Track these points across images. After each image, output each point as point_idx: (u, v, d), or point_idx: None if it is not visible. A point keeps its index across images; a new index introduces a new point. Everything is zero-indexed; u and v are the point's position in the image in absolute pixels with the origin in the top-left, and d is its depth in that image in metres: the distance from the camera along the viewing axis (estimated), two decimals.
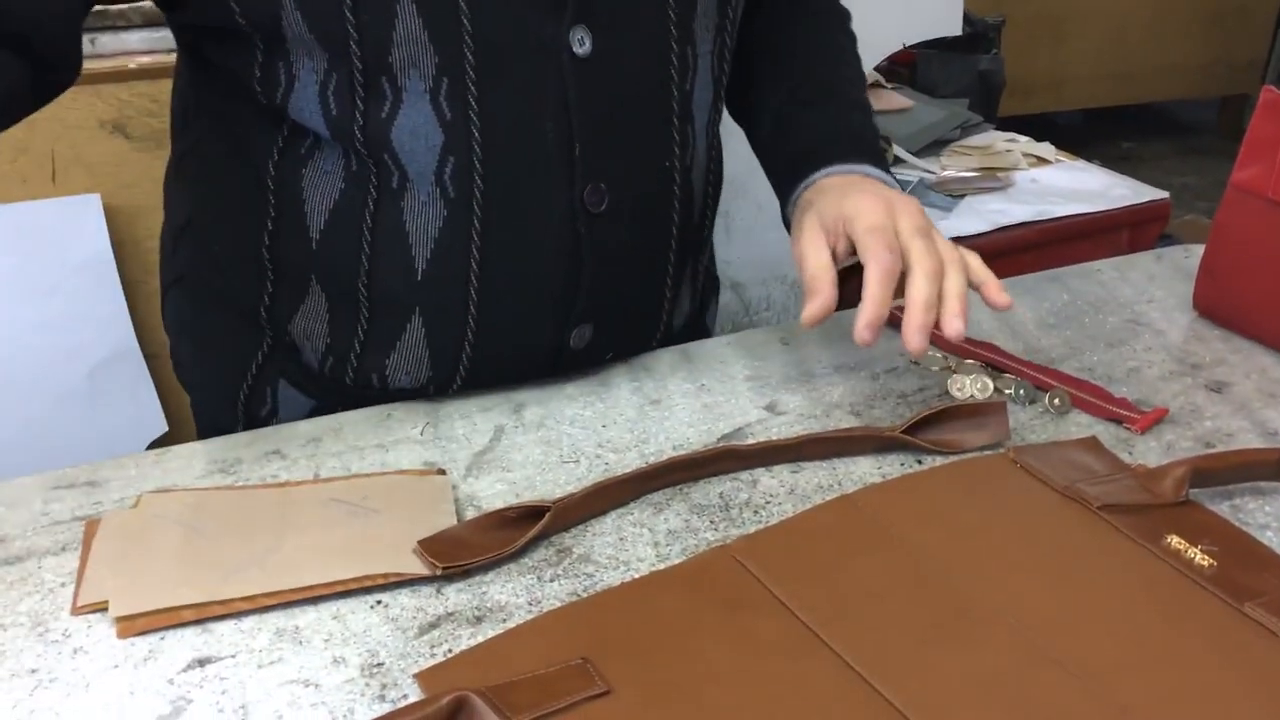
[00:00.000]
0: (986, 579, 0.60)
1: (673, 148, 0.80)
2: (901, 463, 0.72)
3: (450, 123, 0.71)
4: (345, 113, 0.71)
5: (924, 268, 0.71)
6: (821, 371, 0.84)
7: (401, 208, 0.74)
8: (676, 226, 0.83)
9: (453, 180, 0.73)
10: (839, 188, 0.78)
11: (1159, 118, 4.37)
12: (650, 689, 0.53)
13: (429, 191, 0.73)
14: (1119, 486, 0.67)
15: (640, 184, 0.79)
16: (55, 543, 0.63)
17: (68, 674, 0.54)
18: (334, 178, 0.74)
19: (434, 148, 0.72)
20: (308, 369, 0.81)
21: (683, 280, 0.88)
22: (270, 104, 0.73)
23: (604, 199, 0.76)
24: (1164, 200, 1.98)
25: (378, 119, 0.71)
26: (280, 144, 0.75)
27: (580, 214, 0.76)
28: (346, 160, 0.74)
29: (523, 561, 0.62)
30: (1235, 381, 0.83)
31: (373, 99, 0.70)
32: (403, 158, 0.72)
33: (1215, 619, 0.58)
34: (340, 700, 0.53)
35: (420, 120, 0.71)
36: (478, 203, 0.73)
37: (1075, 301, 0.96)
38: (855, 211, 0.73)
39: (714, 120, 0.86)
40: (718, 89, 0.84)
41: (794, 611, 0.57)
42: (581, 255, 0.77)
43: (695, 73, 0.80)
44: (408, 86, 0.70)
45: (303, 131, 0.74)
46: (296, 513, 0.65)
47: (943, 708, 0.52)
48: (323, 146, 0.74)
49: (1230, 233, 0.88)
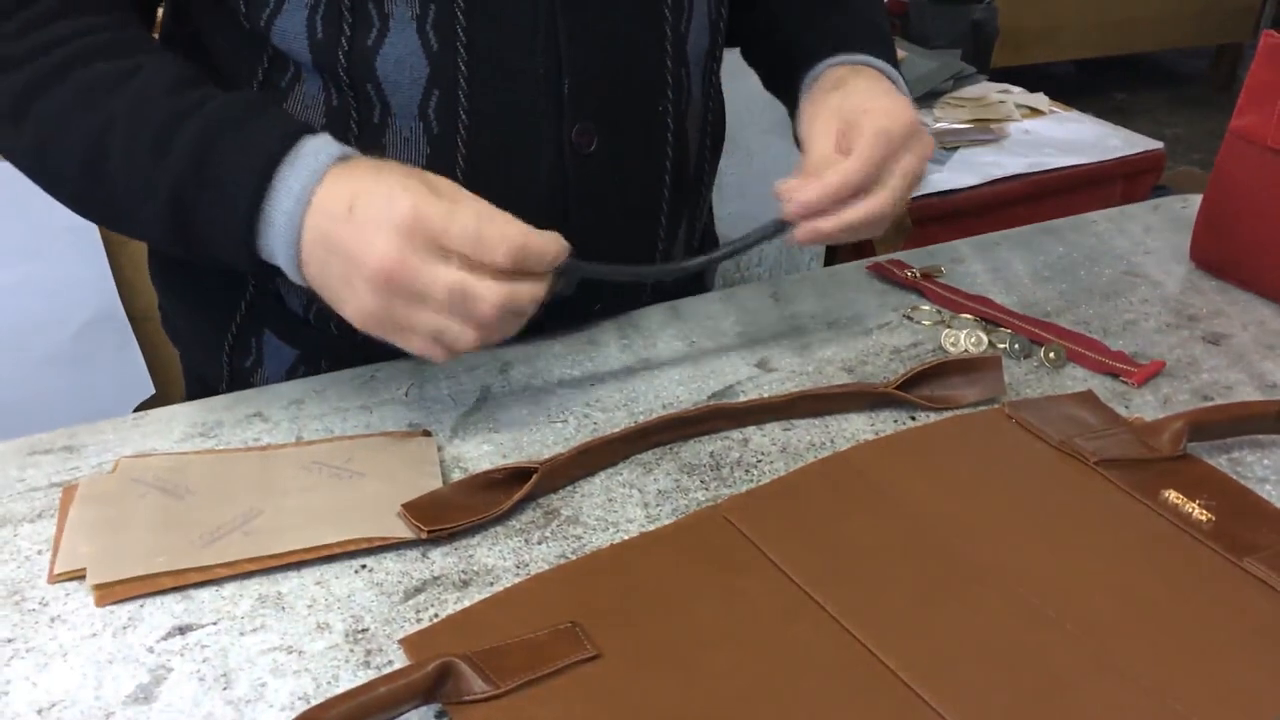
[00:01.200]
0: (981, 536, 0.59)
1: (666, 91, 0.78)
2: (895, 419, 0.71)
3: (436, 53, 0.69)
4: (330, 38, 0.69)
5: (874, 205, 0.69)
6: (813, 327, 0.82)
7: (384, 144, 0.72)
8: (670, 175, 0.81)
9: (437, 115, 0.71)
10: (865, 82, 0.75)
11: (1151, 68, 4.34)
12: (640, 652, 0.52)
13: (412, 127, 0.72)
14: (1115, 441, 0.66)
15: (632, 126, 0.78)
16: (31, 509, 0.62)
17: (45, 643, 0.53)
18: (314, 113, 0.73)
19: (419, 80, 0.70)
20: (292, 317, 0.80)
21: (677, 233, 0.86)
22: (254, 28, 0.71)
23: (593, 139, 0.75)
24: (1158, 150, 1.97)
25: (363, 46, 0.69)
26: (260, 76, 0.73)
27: (568, 153, 0.74)
28: (327, 94, 0.72)
29: (510, 524, 0.61)
30: (1233, 333, 0.82)
31: (359, 24, 0.69)
32: (386, 89, 0.70)
33: (1214, 574, 0.57)
34: (324, 667, 0.52)
35: (406, 50, 0.69)
36: (462, 139, 0.72)
37: (1070, 254, 0.94)
38: (878, 109, 0.71)
39: (711, 70, 0.84)
40: (714, 36, 0.82)
41: (786, 572, 0.56)
42: (569, 197, 0.76)
43: (691, 14, 0.78)
44: (394, 13, 0.68)
45: (283, 62, 0.72)
46: (278, 476, 0.64)
47: (938, 667, 0.51)
48: (303, 78, 0.72)
49: (1228, 182, 0.87)
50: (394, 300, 0.59)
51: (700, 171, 0.87)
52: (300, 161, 0.61)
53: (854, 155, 0.69)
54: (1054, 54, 3.80)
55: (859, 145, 0.69)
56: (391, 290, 0.58)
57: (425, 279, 0.58)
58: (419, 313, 0.60)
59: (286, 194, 0.61)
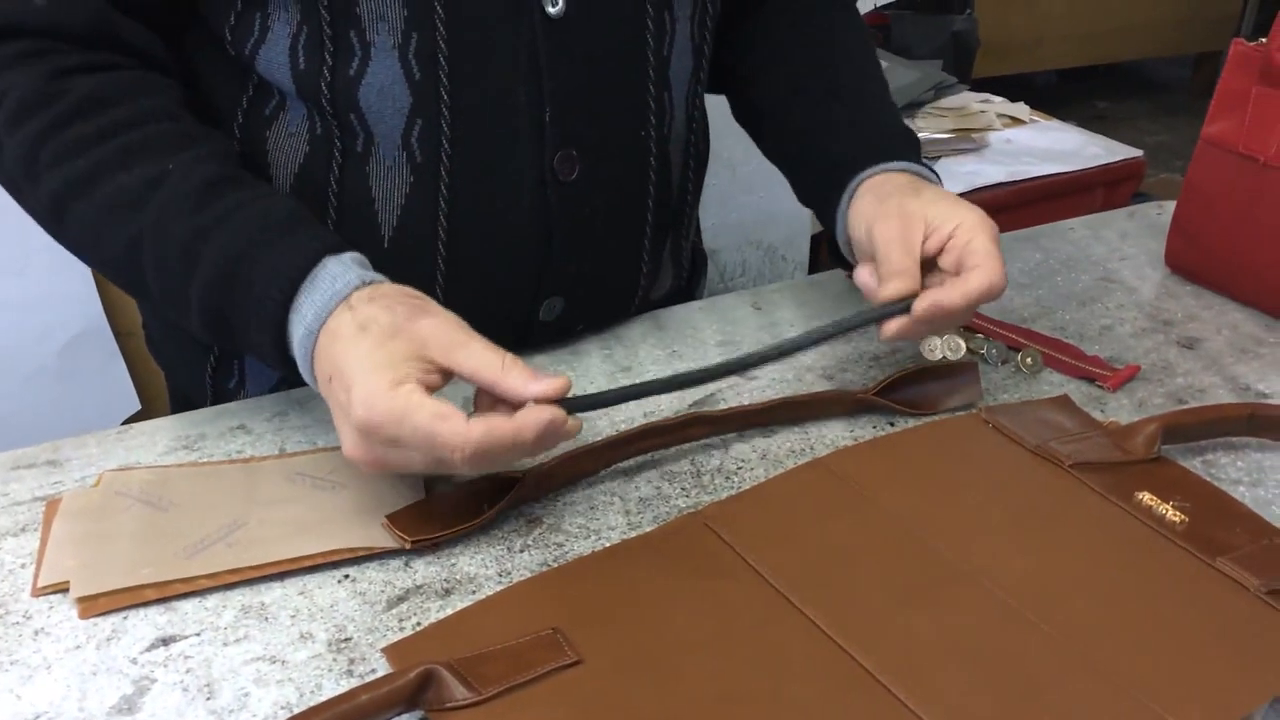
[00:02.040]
0: (959, 540, 0.60)
1: (649, 116, 0.78)
2: (874, 425, 0.72)
3: (419, 83, 0.70)
4: (313, 68, 0.69)
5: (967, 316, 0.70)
6: (793, 335, 0.83)
7: (367, 172, 0.72)
8: (653, 199, 0.81)
9: (420, 144, 0.71)
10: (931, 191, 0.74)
11: (1133, 77, 4.37)
12: (622, 658, 0.52)
13: (395, 155, 0.72)
14: (1091, 444, 0.67)
15: (614, 153, 0.77)
16: (15, 523, 0.62)
17: (29, 656, 0.53)
18: (298, 139, 0.73)
19: (401, 109, 0.70)
20: None
21: (662, 254, 0.86)
22: (238, 56, 0.71)
23: (575, 167, 0.75)
24: (1138, 159, 1.99)
25: (345, 76, 0.69)
26: (245, 105, 0.73)
27: (550, 182, 0.74)
28: (311, 122, 0.72)
29: (492, 533, 0.62)
30: (1206, 337, 0.83)
31: (341, 54, 0.69)
32: (369, 118, 0.71)
33: (1187, 574, 0.58)
34: (307, 676, 0.52)
35: (388, 79, 0.69)
36: (445, 168, 0.72)
37: (1047, 260, 0.95)
38: (975, 223, 0.70)
39: (695, 92, 0.84)
40: (698, 59, 0.82)
41: (766, 577, 0.57)
42: (552, 225, 0.76)
43: (673, 38, 0.77)
44: (376, 42, 0.68)
45: (268, 90, 0.72)
46: (261, 488, 0.64)
47: (916, 670, 0.51)
48: (287, 106, 0.72)
49: (1201, 188, 0.88)
50: (375, 469, 0.59)
51: (684, 192, 0.88)
52: (299, 315, 0.60)
53: (982, 271, 0.68)
54: (1036, 64, 3.83)
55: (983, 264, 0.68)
56: (368, 467, 0.58)
57: (395, 463, 0.58)
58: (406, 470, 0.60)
59: (295, 347, 0.61)
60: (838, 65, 0.86)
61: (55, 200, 0.65)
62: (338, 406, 0.58)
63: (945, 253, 0.70)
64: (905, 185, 0.75)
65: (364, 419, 0.55)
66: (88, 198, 0.64)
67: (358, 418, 0.56)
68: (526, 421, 0.56)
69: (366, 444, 0.57)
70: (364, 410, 0.55)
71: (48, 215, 0.67)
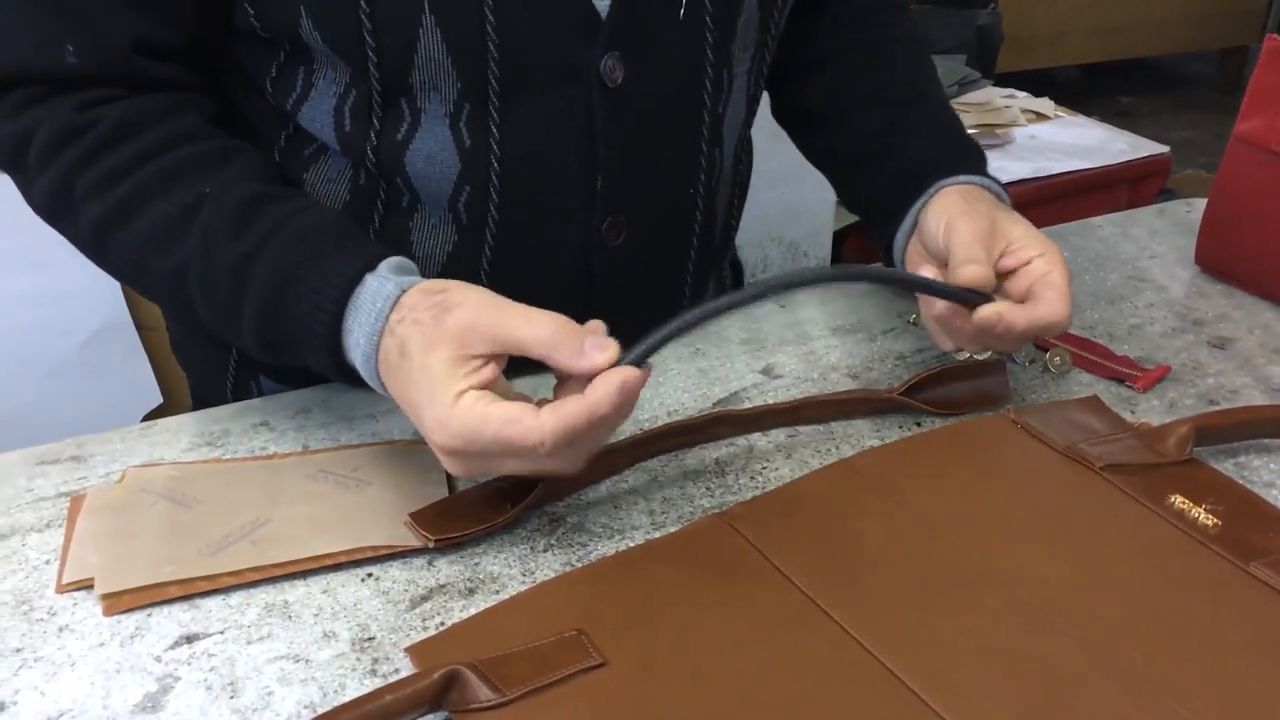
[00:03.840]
0: (988, 543, 0.59)
1: (699, 174, 0.76)
2: (900, 425, 0.71)
3: (469, 150, 0.68)
4: (359, 130, 0.68)
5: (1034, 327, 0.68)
6: (818, 334, 0.82)
7: (410, 227, 0.71)
8: (695, 250, 0.80)
9: (467, 208, 0.70)
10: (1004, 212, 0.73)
11: (1156, 72, 4.33)
12: (646, 660, 0.52)
13: (440, 215, 0.71)
14: (1121, 446, 0.66)
15: (661, 213, 0.76)
16: (40, 519, 0.62)
17: (53, 652, 0.53)
18: (339, 186, 0.72)
19: (450, 175, 0.69)
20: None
21: (704, 292, 0.85)
22: (279, 107, 0.70)
23: (622, 231, 0.73)
24: (1164, 155, 1.97)
25: (393, 141, 0.68)
26: (283, 143, 0.72)
27: (595, 248, 0.73)
28: (354, 172, 0.71)
29: (516, 532, 0.61)
30: (1238, 337, 0.82)
31: (389, 120, 0.67)
32: (415, 182, 0.69)
33: (1220, 579, 0.57)
34: (331, 675, 0.52)
35: (437, 146, 0.68)
36: (490, 231, 0.71)
37: (1076, 258, 0.94)
38: (1056, 259, 0.69)
39: (744, 138, 0.83)
40: (751, 108, 0.80)
41: (792, 579, 0.56)
42: (593, 286, 0.75)
43: (729, 94, 0.76)
44: (427, 109, 0.67)
45: (308, 137, 0.71)
46: (285, 486, 0.64)
47: (944, 673, 0.51)
48: (329, 154, 0.71)
49: (1232, 186, 0.87)
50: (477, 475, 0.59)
51: (728, 230, 0.86)
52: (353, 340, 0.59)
53: (1049, 306, 0.67)
54: (1059, 58, 3.80)
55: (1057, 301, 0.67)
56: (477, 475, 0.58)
57: (493, 468, 0.57)
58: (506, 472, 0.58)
59: (355, 347, 0.59)
60: (906, 68, 0.85)
61: (96, 231, 0.65)
62: (419, 429, 0.57)
63: (1018, 276, 0.69)
64: (993, 200, 0.74)
65: (443, 445, 0.55)
66: (127, 228, 0.63)
67: (437, 444, 0.55)
68: (597, 396, 0.54)
69: (461, 463, 0.56)
70: (439, 436, 0.54)
71: (90, 246, 0.66)
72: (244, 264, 0.61)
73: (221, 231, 0.62)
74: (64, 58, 0.64)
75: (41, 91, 0.65)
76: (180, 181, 0.63)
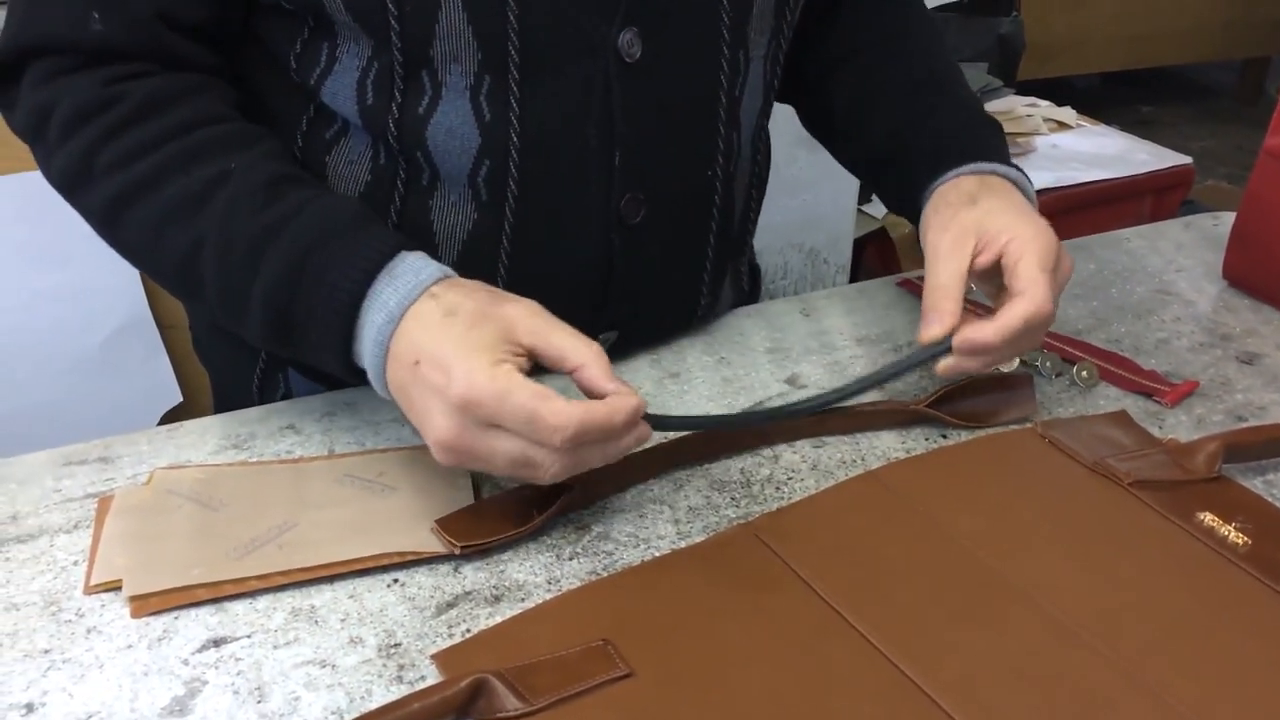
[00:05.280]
0: (1014, 557, 0.59)
1: (716, 156, 0.77)
2: (926, 437, 0.71)
3: (489, 124, 0.68)
4: (381, 104, 0.68)
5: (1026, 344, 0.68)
6: (843, 343, 0.82)
7: (430, 205, 0.72)
8: (714, 235, 0.80)
9: (486, 183, 0.70)
10: (1001, 201, 0.72)
11: (1177, 81, 4.31)
12: (672, 670, 0.52)
13: (460, 192, 0.71)
14: (1150, 462, 0.66)
15: (679, 194, 0.76)
16: (68, 520, 0.62)
17: (81, 654, 0.53)
18: (359, 168, 0.72)
19: (469, 150, 0.69)
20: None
21: (721, 283, 0.85)
22: (303, 84, 0.70)
23: (641, 209, 0.74)
24: (1187, 165, 1.96)
25: (414, 114, 0.68)
26: (304, 126, 0.73)
27: (614, 224, 0.73)
28: (375, 151, 0.71)
29: (541, 540, 0.61)
30: (1267, 353, 0.82)
31: (411, 92, 0.68)
32: (436, 157, 0.70)
33: (1249, 597, 0.57)
34: (357, 681, 0.52)
35: (458, 120, 0.68)
36: (510, 208, 0.71)
37: (1102, 271, 0.94)
38: (1026, 240, 0.69)
39: (761, 126, 0.83)
40: (768, 95, 0.81)
41: (818, 591, 0.56)
42: (613, 265, 0.75)
43: (746, 78, 0.76)
44: (448, 82, 0.67)
45: (330, 115, 0.71)
46: (311, 490, 0.64)
47: (969, 688, 0.51)
48: (350, 133, 0.72)
49: (1262, 200, 0.86)
50: (461, 459, 0.58)
51: (746, 221, 0.86)
52: (379, 303, 0.60)
53: (1024, 300, 0.66)
54: (1080, 66, 3.79)
55: (1026, 290, 0.67)
56: (455, 456, 0.58)
57: (483, 451, 0.57)
58: (489, 465, 0.59)
59: (368, 338, 0.60)
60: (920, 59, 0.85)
61: (114, 205, 0.65)
62: (430, 389, 0.57)
63: (1001, 270, 0.69)
64: (966, 192, 0.73)
65: (465, 395, 0.55)
66: (147, 201, 0.64)
67: (457, 395, 0.55)
68: (618, 405, 0.57)
69: (460, 425, 0.56)
70: (465, 387, 0.55)
71: (105, 221, 0.66)
72: (268, 233, 0.62)
73: (245, 204, 0.62)
74: (89, 24, 0.64)
75: (68, 63, 0.65)
76: (203, 159, 0.64)
